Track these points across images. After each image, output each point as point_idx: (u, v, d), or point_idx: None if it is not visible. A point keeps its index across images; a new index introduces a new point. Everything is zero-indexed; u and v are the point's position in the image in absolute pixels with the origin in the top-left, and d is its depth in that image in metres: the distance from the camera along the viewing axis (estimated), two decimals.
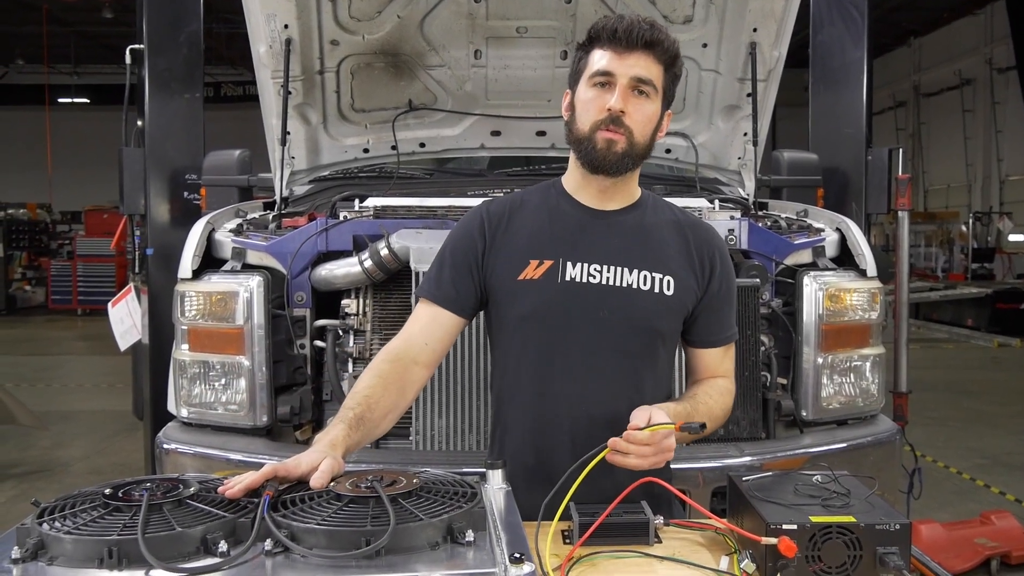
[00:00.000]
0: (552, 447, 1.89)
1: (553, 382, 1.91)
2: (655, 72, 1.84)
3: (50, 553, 1.26)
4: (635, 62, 1.82)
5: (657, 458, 1.70)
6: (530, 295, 1.90)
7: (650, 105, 1.86)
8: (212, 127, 5.36)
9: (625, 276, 1.90)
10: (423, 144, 4.07)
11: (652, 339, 1.93)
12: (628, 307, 1.90)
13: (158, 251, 4.80)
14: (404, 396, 1.88)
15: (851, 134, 5.01)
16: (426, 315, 1.95)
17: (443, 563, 1.27)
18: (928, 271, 19.97)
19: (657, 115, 1.89)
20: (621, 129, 1.84)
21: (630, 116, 1.84)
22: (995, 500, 5.71)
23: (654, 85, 1.84)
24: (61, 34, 22.12)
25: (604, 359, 1.90)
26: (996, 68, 21.66)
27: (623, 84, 1.83)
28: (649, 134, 1.88)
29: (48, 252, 20.62)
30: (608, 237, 1.93)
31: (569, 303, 1.89)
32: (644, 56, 1.83)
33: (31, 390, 9.49)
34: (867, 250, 3.15)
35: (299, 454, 1.55)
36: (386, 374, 1.85)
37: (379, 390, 1.81)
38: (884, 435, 3.06)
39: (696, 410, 1.88)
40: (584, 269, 1.90)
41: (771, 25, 3.38)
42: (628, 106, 1.83)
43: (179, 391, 2.95)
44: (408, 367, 1.89)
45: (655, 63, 1.84)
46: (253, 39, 3.38)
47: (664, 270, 1.92)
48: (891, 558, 1.43)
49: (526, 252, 1.92)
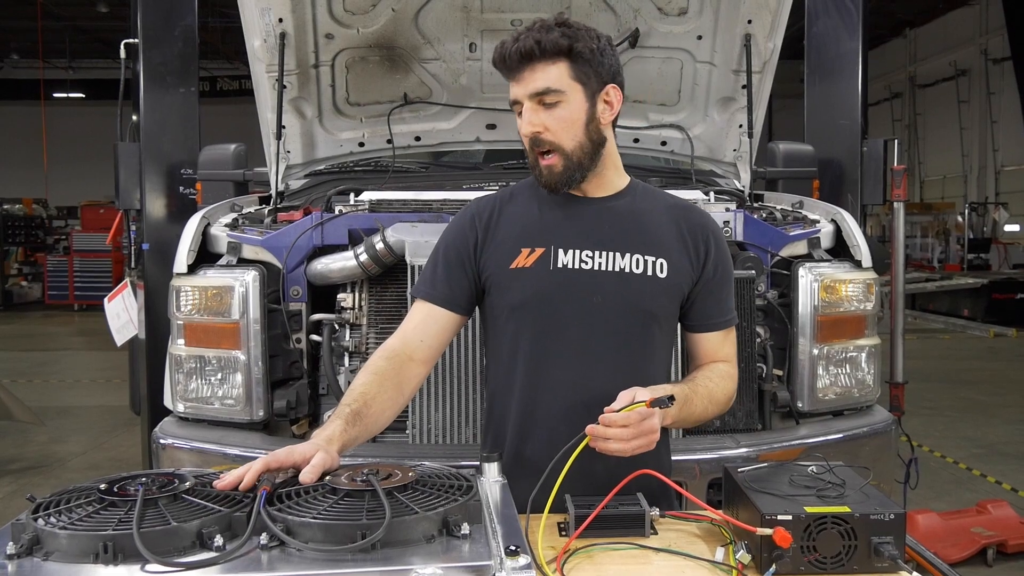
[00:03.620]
0: (548, 437, 1.86)
1: (548, 370, 1.90)
2: (552, 76, 1.81)
3: (45, 548, 1.26)
4: (527, 78, 1.82)
5: (640, 441, 1.68)
6: (522, 283, 1.90)
7: (563, 109, 1.83)
8: (208, 122, 5.36)
9: (618, 260, 1.90)
10: (418, 138, 4.07)
11: (647, 322, 1.92)
12: (622, 291, 1.89)
13: (154, 246, 4.81)
14: (402, 393, 1.88)
15: (846, 125, 5.02)
16: (421, 312, 1.95)
17: (439, 556, 1.27)
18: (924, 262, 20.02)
19: (580, 111, 1.85)
20: (547, 148, 1.85)
21: (548, 130, 1.84)
22: (991, 489, 5.73)
23: (555, 89, 1.82)
24: (56, 28, 22.08)
25: (600, 345, 1.89)
26: (991, 59, 21.67)
27: (529, 106, 1.84)
28: (579, 135, 1.86)
29: (44, 247, 20.61)
30: (599, 223, 1.93)
31: (562, 290, 1.89)
32: (531, 69, 1.82)
33: (28, 386, 9.49)
34: (862, 241, 3.15)
35: (293, 445, 1.55)
36: (383, 371, 1.85)
37: (375, 387, 1.81)
38: (880, 425, 3.07)
39: (695, 392, 1.87)
40: (576, 255, 1.90)
41: (766, 16, 3.38)
42: (542, 121, 1.83)
43: (175, 386, 2.95)
44: (405, 364, 1.89)
45: (547, 66, 1.81)
46: (247, 33, 3.37)
47: (657, 253, 1.91)
48: (886, 548, 1.44)
49: (517, 241, 1.92)
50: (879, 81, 24.62)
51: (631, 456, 1.69)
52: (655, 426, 1.70)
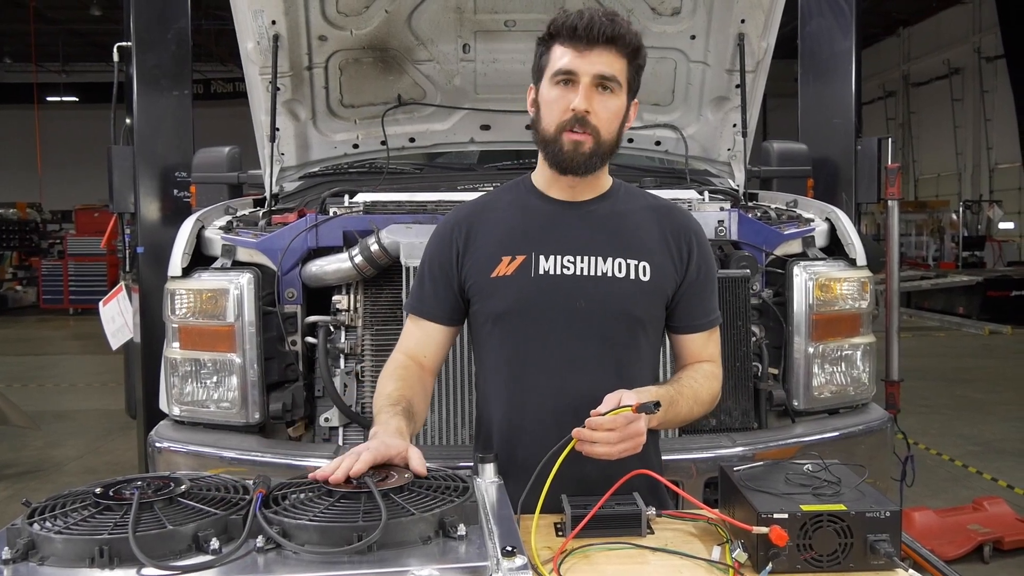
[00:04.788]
0: (536, 441, 1.81)
1: (534, 376, 1.90)
2: (618, 67, 1.82)
3: (41, 553, 1.26)
4: (597, 59, 1.80)
5: (625, 444, 1.67)
6: (504, 292, 1.90)
7: (615, 101, 1.84)
8: (202, 124, 5.35)
9: (600, 265, 1.89)
10: (413, 139, 4.07)
11: (632, 326, 1.92)
12: (605, 295, 1.89)
13: (149, 249, 4.79)
14: (427, 397, 1.94)
15: (840, 124, 5.02)
16: (416, 330, 1.99)
17: (435, 558, 1.27)
18: (919, 260, 20.03)
19: (623, 109, 1.87)
20: (587, 129, 1.83)
21: (595, 114, 1.83)
22: (987, 487, 5.74)
23: (618, 80, 1.83)
24: (49, 32, 22.04)
25: (584, 350, 1.89)
26: (985, 57, 21.71)
27: (586, 83, 1.81)
28: (615, 130, 1.87)
29: (39, 252, 20.54)
30: (580, 228, 1.93)
31: (545, 296, 1.88)
32: (606, 52, 1.80)
33: (23, 390, 9.46)
34: (856, 239, 3.15)
35: (383, 439, 1.58)
36: (408, 377, 1.90)
37: (408, 389, 1.86)
38: (876, 423, 3.07)
39: (680, 393, 1.87)
40: (558, 261, 1.89)
41: (759, 16, 3.38)
42: (593, 104, 1.82)
43: (171, 389, 2.94)
44: (421, 371, 1.94)
45: (618, 58, 1.82)
46: (241, 35, 3.36)
47: (639, 256, 1.91)
48: (882, 545, 1.44)
49: (498, 250, 1.92)
50: (873, 80, 24.66)
51: (619, 458, 1.69)
52: (641, 429, 1.69)
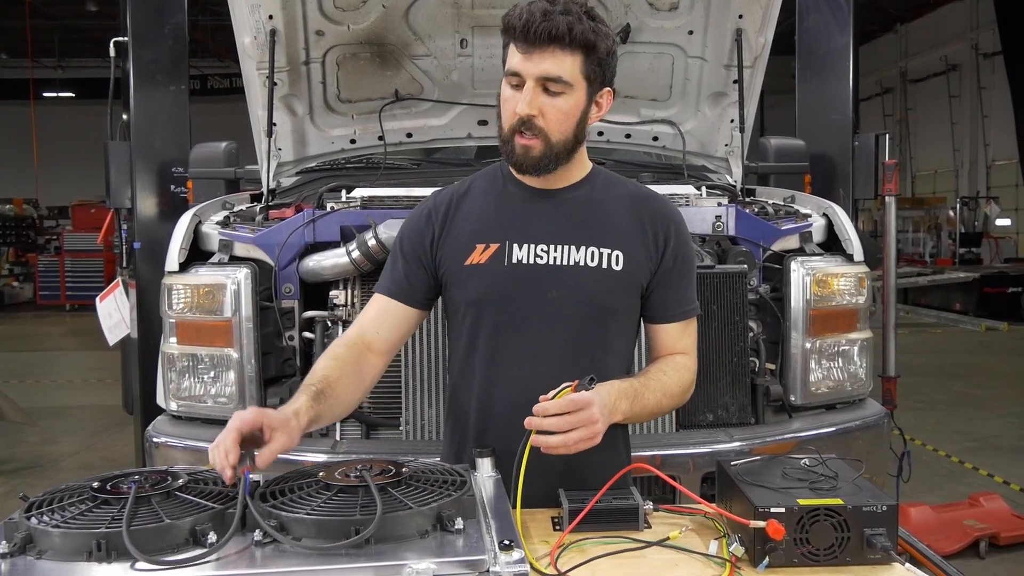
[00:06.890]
0: (507, 431, 1.77)
1: (505, 365, 1.88)
2: (567, 65, 1.75)
3: (38, 547, 1.26)
4: (541, 59, 1.74)
5: (579, 433, 1.62)
6: (477, 280, 1.88)
7: (565, 101, 1.78)
8: (199, 120, 5.34)
9: (572, 254, 1.87)
10: (410, 134, 4.06)
11: (603, 317, 1.89)
12: (576, 285, 1.86)
13: (145, 245, 4.79)
14: (362, 381, 1.87)
15: (838, 120, 5.03)
16: (377, 305, 1.95)
17: (432, 551, 1.27)
18: (916, 256, 20.04)
19: (578, 108, 1.81)
20: (534, 133, 1.79)
21: (543, 116, 1.78)
22: (984, 482, 5.76)
23: (565, 80, 1.76)
24: (45, 28, 21.97)
25: (556, 341, 1.87)
26: (982, 53, 21.70)
27: (530, 85, 1.76)
28: (569, 130, 1.81)
29: (35, 247, 20.55)
30: (555, 216, 1.90)
31: (517, 286, 1.86)
32: (551, 52, 1.74)
33: (20, 386, 9.45)
34: (854, 235, 3.16)
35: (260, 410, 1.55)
36: (343, 357, 1.85)
37: (337, 371, 1.80)
38: (872, 419, 3.08)
39: (647, 387, 1.83)
40: (531, 250, 1.87)
41: (757, 12, 3.38)
42: (539, 106, 1.77)
43: (168, 384, 2.94)
44: (363, 353, 1.89)
45: (567, 55, 1.75)
46: (238, 30, 3.36)
47: (612, 245, 1.88)
48: (878, 539, 1.45)
49: (473, 237, 1.90)
50: (870, 76, 24.65)
51: (585, 451, 1.66)
52: (594, 416, 1.64)
